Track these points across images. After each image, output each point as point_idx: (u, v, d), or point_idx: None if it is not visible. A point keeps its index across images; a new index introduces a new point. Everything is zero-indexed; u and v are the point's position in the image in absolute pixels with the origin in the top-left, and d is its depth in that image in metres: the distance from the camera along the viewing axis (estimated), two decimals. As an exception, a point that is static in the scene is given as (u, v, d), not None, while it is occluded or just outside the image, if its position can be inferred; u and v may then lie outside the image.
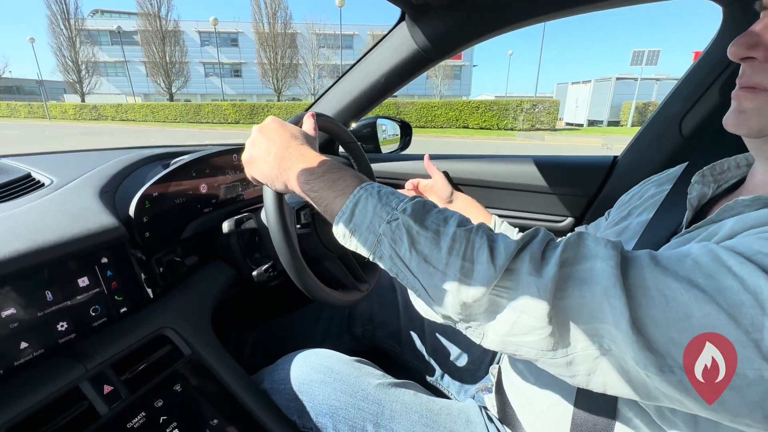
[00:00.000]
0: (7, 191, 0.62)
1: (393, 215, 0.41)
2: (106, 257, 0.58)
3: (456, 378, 0.86)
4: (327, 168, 0.48)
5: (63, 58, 28.67)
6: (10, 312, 0.47)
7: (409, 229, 0.40)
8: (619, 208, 0.69)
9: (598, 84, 23.36)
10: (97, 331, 0.56)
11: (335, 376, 0.63)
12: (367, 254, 0.43)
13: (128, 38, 32.28)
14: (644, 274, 0.33)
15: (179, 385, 0.57)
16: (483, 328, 0.38)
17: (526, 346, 0.36)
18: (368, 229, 0.42)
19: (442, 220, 0.41)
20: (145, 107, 24.02)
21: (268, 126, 0.54)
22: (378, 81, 1.02)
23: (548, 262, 0.35)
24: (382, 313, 0.94)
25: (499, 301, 0.36)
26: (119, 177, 0.71)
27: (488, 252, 0.37)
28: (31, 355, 0.49)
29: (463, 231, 0.39)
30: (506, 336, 0.37)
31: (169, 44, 28.66)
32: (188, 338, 0.63)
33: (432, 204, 0.43)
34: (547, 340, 0.35)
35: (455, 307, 0.38)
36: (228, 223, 0.71)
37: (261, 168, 0.53)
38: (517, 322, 0.35)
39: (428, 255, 0.39)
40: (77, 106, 25.71)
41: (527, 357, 0.37)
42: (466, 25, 0.86)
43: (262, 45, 29.40)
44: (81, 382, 0.50)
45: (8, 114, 28.70)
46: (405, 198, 0.43)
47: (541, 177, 1.10)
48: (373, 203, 0.43)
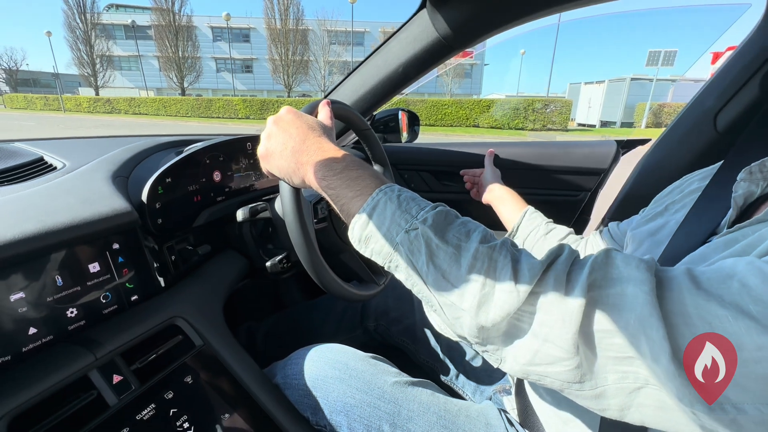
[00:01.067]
0: (20, 173, 0.60)
1: (412, 224, 0.38)
2: (117, 243, 0.56)
3: (472, 378, 0.84)
4: (346, 164, 0.45)
5: (78, 51, 29.20)
6: (18, 296, 0.45)
7: (429, 241, 0.37)
8: (656, 202, 0.65)
9: (611, 84, 22.98)
10: (107, 319, 0.55)
11: (351, 372, 0.60)
12: (381, 263, 0.41)
13: (142, 33, 32.77)
14: (684, 299, 0.29)
15: (190, 376, 0.55)
16: (501, 354, 0.36)
17: (550, 377, 0.33)
18: (385, 236, 0.39)
19: (464, 234, 0.38)
20: (157, 101, 24.37)
21: (284, 117, 0.52)
22: (396, 71, 0.99)
23: (574, 285, 0.32)
24: (396, 308, 0.91)
25: (519, 325, 0.33)
26: (132, 162, 0.69)
27: (511, 273, 0.34)
28: (40, 342, 0.47)
29: (485, 248, 0.36)
30: (528, 365, 0.34)
31: (182, 39, 28.94)
32: (199, 329, 0.61)
33: (454, 214, 0.41)
34: (573, 372, 0.32)
35: (472, 330, 0.35)
36: (242, 211, 0.69)
37: (278, 163, 0.50)
38: (540, 350, 0.32)
39: (447, 271, 0.36)
40: (91, 99, 26.32)
41: (551, 387, 0.34)
42: (492, 12, 0.83)
43: (273, 41, 29.55)
44: (90, 371, 0.48)
45: (25, 106, 29.32)
46: (426, 206, 0.40)
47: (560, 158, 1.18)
48: (392, 209, 0.40)
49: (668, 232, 0.54)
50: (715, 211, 0.49)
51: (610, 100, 22.79)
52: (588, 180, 1.18)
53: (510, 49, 58.38)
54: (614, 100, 22.51)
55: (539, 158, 1.21)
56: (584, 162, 1.17)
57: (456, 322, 0.36)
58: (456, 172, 1.17)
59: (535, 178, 1.22)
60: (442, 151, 1.29)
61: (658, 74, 20.16)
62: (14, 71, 43.55)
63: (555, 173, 1.21)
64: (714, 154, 0.87)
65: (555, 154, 1.21)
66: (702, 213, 0.51)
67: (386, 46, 0.99)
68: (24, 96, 30.27)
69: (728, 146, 0.56)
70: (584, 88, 25.18)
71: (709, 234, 0.47)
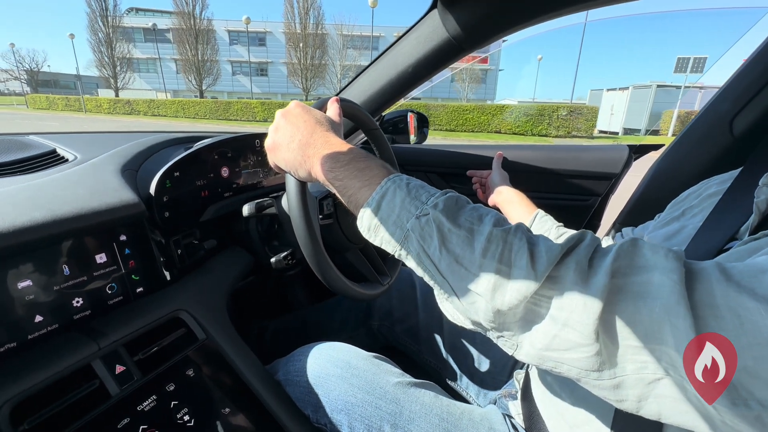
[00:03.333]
0: (32, 164, 0.62)
1: (423, 210, 0.38)
2: (124, 235, 0.57)
3: (476, 381, 0.82)
4: (353, 156, 0.45)
5: (100, 53, 29.65)
6: (26, 284, 0.46)
7: (440, 225, 0.36)
8: (672, 207, 0.63)
9: (636, 91, 22.28)
10: (112, 310, 0.55)
11: (353, 371, 0.60)
12: (392, 250, 0.40)
13: (161, 36, 33.27)
14: (713, 290, 0.28)
15: (192, 369, 0.55)
16: (517, 339, 0.35)
17: (567, 363, 0.32)
18: (395, 223, 0.39)
19: (477, 218, 0.37)
20: (176, 103, 24.46)
21: (292, 111, 0.52)
22: (406, 71, 0.99)
23: (597, 270, 0.31)
24: (400, 309, 0.91)
25: (537, 310, 0.33)
26: (142, 156, 0.70)
27: (528, 256, 0.33)
28: (45, 329, 0.48)
29: (499, 231, 0.35)
30: (544, 350, 0.33)
31: (201, 42, 29.22)
32: (203, 322, 0.61)
33: (465, 199, 0.40)
34: (592, 359, 0.31)
35: (487, 314, 0.34)
36: (249, 206, 0.69)
37: (284, 155, 0.50)
38: (558, 335, 0.32)
39: (460, 255, 0.35)
40: (111, 101, 26.59)
41: (568, 375, 0.33)
42: (503, 13, 0.82)
43: (291, 44, 29.67)
44: (93, 360, 0.48)
45: (47, 106, 29.92)
46: (436, 192, 0.40)
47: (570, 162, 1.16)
48: (402, 196, 0.39)
49: (685, 236, 0.52)
50: (734, 216, 0.47)
51: (633, 107, 22.16)
52: (599, 185, 1.16)
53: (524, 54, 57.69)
54: (638, 107, 21.88)
55: (549, 162, 1.19)
56: (595, 166, 1.15)
57: (471, 308, 0.35)
58: (463, 173, 1.16)
59: (544, 181, 1.20)
60: (449, 152, 1.28)
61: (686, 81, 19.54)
62: (35, 72, 44.89)
63: (565, 177, 1.19)
64: (730, 158, 0.84)
65: (565, 158, 1.19)
66: (721, 218, 0.49)
67: (396, 46, 0.99)
68: (46, 97, 30.75)
69: (745, 150, 0.55)
70: (606, 95, 24.60)
71: (728, 239, 0.46)
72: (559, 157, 1.18)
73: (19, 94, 43.80)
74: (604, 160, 1.14)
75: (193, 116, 23.73)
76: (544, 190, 1.19)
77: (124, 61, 30.88)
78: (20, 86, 44.43)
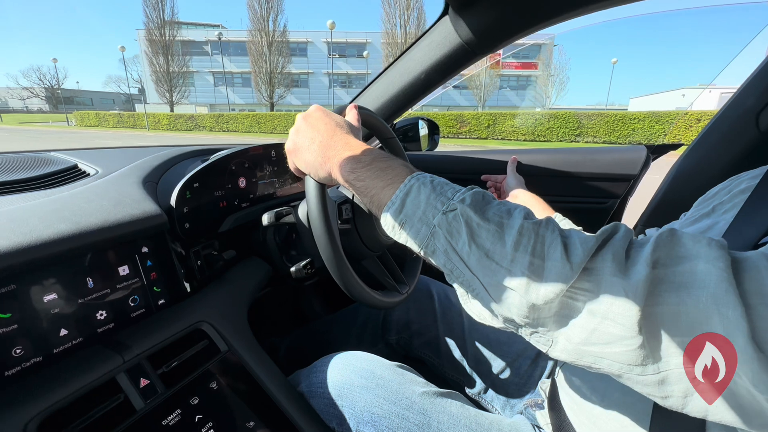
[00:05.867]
0: (55, 179, 0.62)
1: (450, 205, 0.37)
2: (146, 246, 0.57)
3: (501, 392, 0.80)
4: (374, 157, 0.45)
5: (156, 66, 28.40)
6: (52, 297, 0.46)
7: (469, 220, 0.36)
8: (700, 204, 0.62)
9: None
10: (134, 323, 0.55)
11: (377, 381, 0.58)
12: (417, 248, 0.40)
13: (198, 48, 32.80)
14: (763, 279, 0.27)
15: (215, 382, 0.55)
16: (553, 335, 0.34)
17: (608, 358, 0.31)
18: (421, 220, 0.38)
19: (506, 212, 0.36)
20: (249, 117, 22.50)
21: (313, 114, 0.52)
22: (418, 77, 0.99)
23: (636, 261, 0.30)
24: (418, 321, 0.89)
25: (573, 304, 0.31)
26: (161, 169, 0.71)
27: (562, 248, 0.32)
28: (70, 343, 0.48)
29: (530, 224, 0.34)
30: (582, 344, 0.32)
31: (275, 53, 27.97)
32: (224, 334, 0.60)
33: (491, 195, 0.39)
34: (635, 353, 0.30)
35: (521, 310, 0.33)
36: (268, 215, 0.69)
37: (305, 157, 0.51)
38: (598, 329, 0.30)
39: (490, 250, 0.34)
40: (171, 116, 24.64)
41: (608, 371, 0.32)
42: (516, 16, 0.82)
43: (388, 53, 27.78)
44: (118, 374, 0.48)
45: (96, 123, 28.22)
46: (461, 188, 0.39)
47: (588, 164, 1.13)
48: (427, 193, 0.39)
49: (717, 233, 0.51)
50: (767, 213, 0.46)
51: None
52: (617, 186, 1.14)
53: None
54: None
55: (564, 165, 1.18)
56: (613, 168, 1.13)
57: (503, 304, 0.34)
58: (477, 179, 1.15)
59: (560, 185, 1.19)
60: (462, 158, 1.28)
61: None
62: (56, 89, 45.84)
63: (582, 179, 1.17)
64: (757, 154, 0.82)
65: (581, 161, 1.17)
66: (754, 212, 0.47)
67: (408, 53, 0.99)
68: (95, 113, 28.97)
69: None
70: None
71: (762, 234, 0.44)
72: (575, 160, 1.17)
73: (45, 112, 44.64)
74: (621, 161, 1.12)
75: (270, 131, 21.61)
76: (560, 193, 1.18)
77: (180, 75, 29.61)
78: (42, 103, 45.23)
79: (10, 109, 51.52)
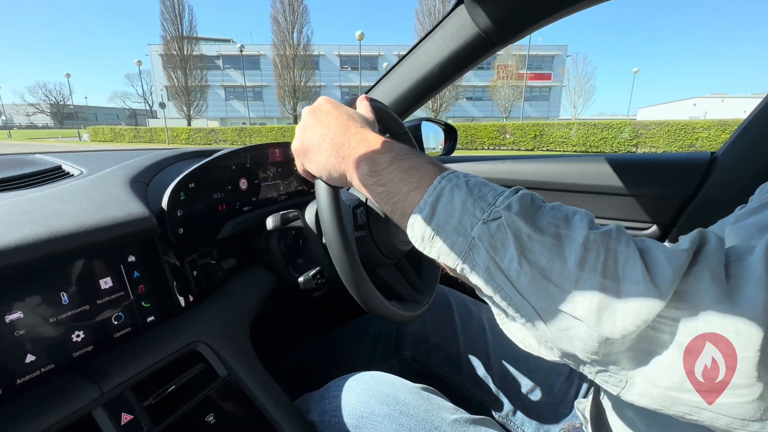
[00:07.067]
0: (32, 180, 0.55)
1: (492, 213, 0.30)
2: (133, 255, 0.49)
3: (533, 416, 0.71)
4: (395, 154, 0.38)
5: (174, 80, 27.79)
6: (16, 316, 0.38)
7: (518, 232, 0.28)
8: (761, 192, 0.54)
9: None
10: (118, 344, 0.47)
11: (401, 408, 0.50)
12: (452, 264, 0.32)
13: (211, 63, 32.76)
14: None
15: (212, 414, 0.47)
16: (627, 375, 0.27)
17: (711, 410, 0.24)
18: (456, 230, 0.31)
19: (563, 220, 0.29)
20: (275, 130, 21.28)
21: (321, 107, 0.45)
22: (431, 71, 0.93)
23: (742, 283, 0.24)
24: (436, 334, 0.81)
25: (657, 337, 0.25)
26: (154, 169, 0.64)
27: (642, 266, 0.25)
28: (38, 372, 0.40)
29: (597, 236, 0.27)
30: (675, 390, 0.25)
31: (299, 67, 27.31)
32: (224, 356, 0.52)
33: (540, 198, 0.32)
34: (752, 406, 0.23)
35: (589, 344, 0.26)
36: (273, 218, 0.61)
37: (316, 157, 0.43)
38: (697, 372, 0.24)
39: (547, 269, 0.27)
40: (191, 130, 23.77)
41: (709, 424, 0.25)
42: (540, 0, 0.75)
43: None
44: (94, 409, 0.40)
45: (111, 138, 26.90)
46: (505, 190, 0.32)
47: (618, 178, 0.96)
48: (462, 197, 0.32)
49: None
50: None
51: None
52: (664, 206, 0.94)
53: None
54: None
55: (606, 177, 0.96)
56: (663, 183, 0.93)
57: (563, 336, 0.27)
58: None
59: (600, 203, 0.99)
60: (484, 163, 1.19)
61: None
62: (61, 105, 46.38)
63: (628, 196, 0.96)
64: None
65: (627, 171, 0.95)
66: None
67: (421, 46, 0.93)
68: (111, 128, 27.52)
69: None
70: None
71: None
72: (611, 173, 0.96)
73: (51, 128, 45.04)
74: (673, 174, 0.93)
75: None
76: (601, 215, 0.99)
77: (197, 89, 28.86)
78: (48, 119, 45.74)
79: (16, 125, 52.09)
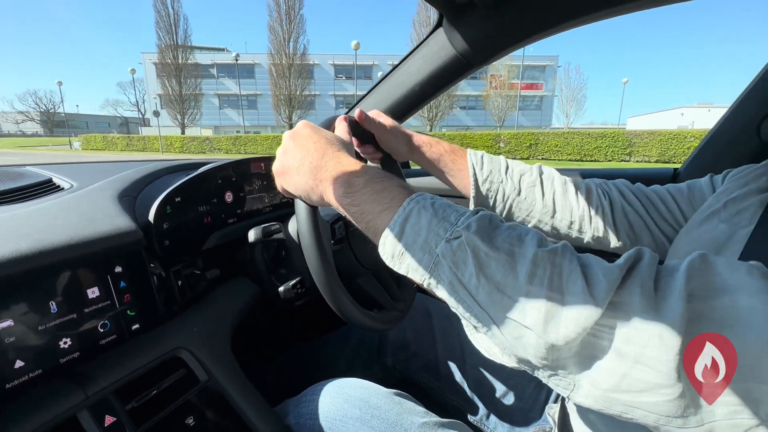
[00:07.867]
0: (24, 194, 0.58)
1: (453, 232, 0.33)
2: (120, 266, 0.52)
3: (505, 420, 0.74)
4: (369, 178, 0.41)
5: (168, 88, 27.57)
6: (6, 324, 0.41)
7: (476, 249, 0.32)
8: (731, 179, 0.55)
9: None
10: (104, 351, 0.50)
11: (373, 411, 0.53)
12: (420, 279, 0.35)
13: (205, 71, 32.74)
14: None
15: (192, 417, 0.49)
16: (575, 378, 0.30)
17: (641, 408, 0.27)
18: (422, 248, 0.34)
19: (516, 239, 0.32)
20: (270, 139, 21.15)
21: (301, 132, 0.48)
22: (412, 90, 0.97)
23: (667, 294, 0.27)
24: (416, 342, 0.84)
25: (598, 343, 0.28)
26: (142, 182, 0.67)
27: (582, 279, 0.29)
28: (27, 377, 0.42)
29: (545, 253, 0.31)
30: (611, 392, 0.28)
31: (294, 77, 27.15)
32: (205, 362, 0.55)
33: (498, 217, 0.36)
34: (674, 403, 0.26)
35: (539, 350, 0.29)
36: (255, 231, 0.64)
37: (294, 179, 0.47)
38: (629, 374, 0.27)
39: (502, 283, 0.31)
40: (185, 138, 23.31)
41: (642, 422, 0.28)
42: (513, 27, 0.80)
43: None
44: (79, 411, 0.42)
45: (103, 147, 26.73)
46: (465, 211, 0.35)
47: None
48: (428, 217, 0.35)
49: (736, 249, 0.46)
50: None
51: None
52: None
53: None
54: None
55: None
56: None
57: (517, 343, 0.30)
58: None
59: None
60: None
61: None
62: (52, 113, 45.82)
63: None
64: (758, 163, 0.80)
65: None
66: None
67: (403, 66, 0.97)
68: (103, 136, 27.31)
69: None
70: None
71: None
72: None
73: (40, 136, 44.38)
74: None
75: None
76: None
77: (192, 97, 28.61)
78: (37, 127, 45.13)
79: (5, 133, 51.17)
